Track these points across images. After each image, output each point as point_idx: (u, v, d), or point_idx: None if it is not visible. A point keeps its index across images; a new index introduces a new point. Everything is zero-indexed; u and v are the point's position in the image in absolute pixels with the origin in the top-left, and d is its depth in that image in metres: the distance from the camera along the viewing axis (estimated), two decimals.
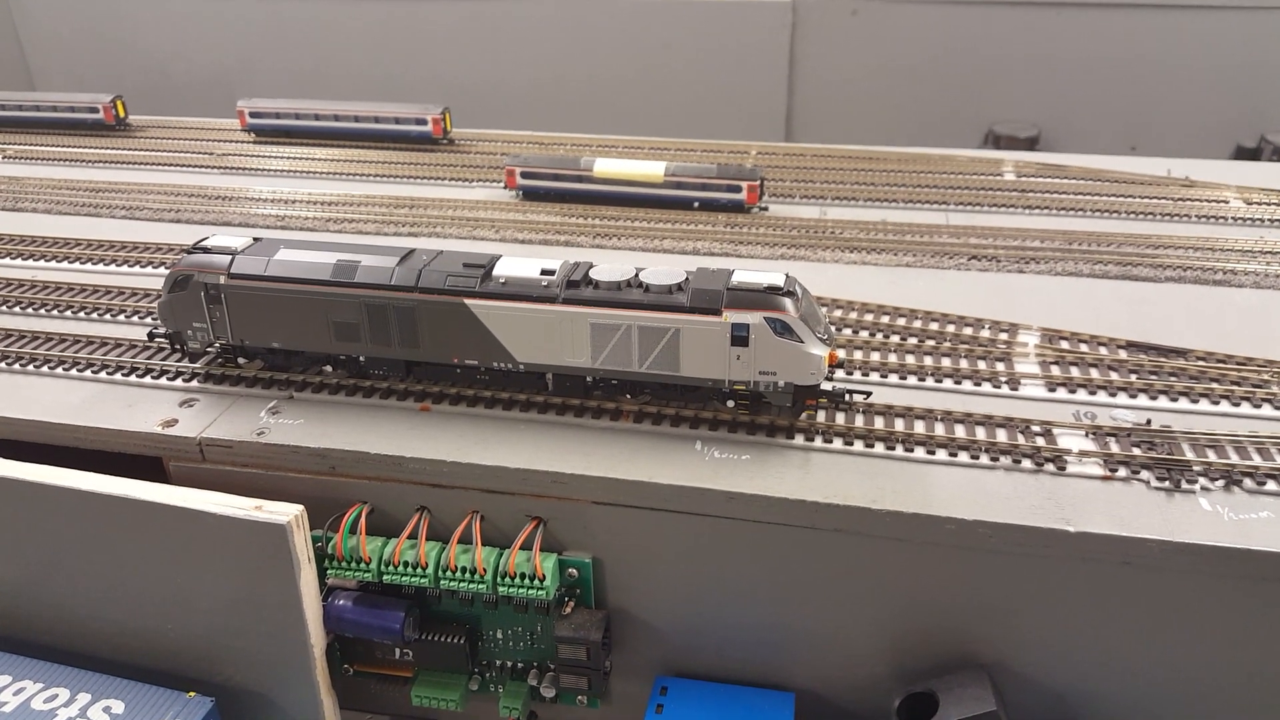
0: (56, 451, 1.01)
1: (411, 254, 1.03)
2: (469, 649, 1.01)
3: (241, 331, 1.05)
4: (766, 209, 1.55)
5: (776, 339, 0.93)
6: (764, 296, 0.94)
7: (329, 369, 1.07)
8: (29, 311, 1.24)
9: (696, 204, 1.54)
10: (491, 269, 1.00)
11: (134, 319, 1.22)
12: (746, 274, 0.96)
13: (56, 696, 0.94)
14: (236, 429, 0.99)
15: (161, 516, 0.93)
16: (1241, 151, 2.68)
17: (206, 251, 1.05)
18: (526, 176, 1.59)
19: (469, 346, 1.00)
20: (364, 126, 1.87)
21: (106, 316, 1.22)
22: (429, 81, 3.00)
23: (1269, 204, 1.51)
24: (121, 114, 1.97)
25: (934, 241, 1.40)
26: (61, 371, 1.10)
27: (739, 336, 0.94)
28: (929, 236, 1.42)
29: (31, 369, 1.11)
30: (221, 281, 1.03)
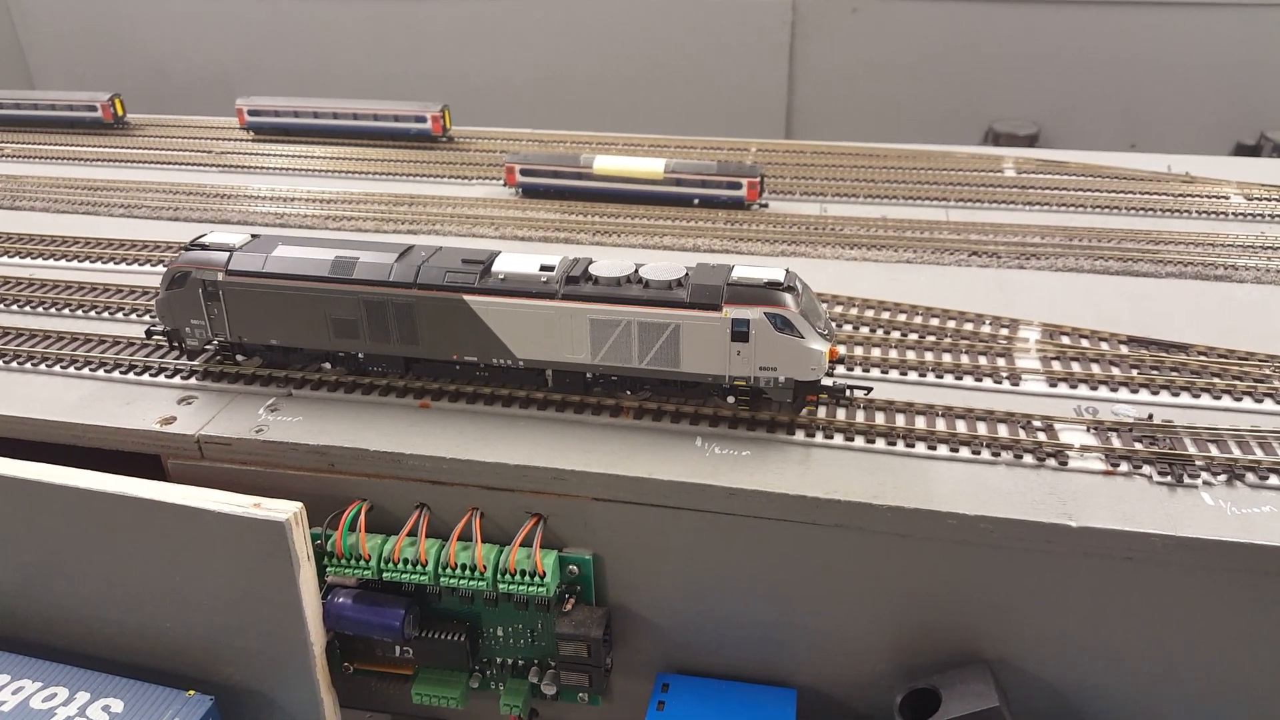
0: (55, 449, 1.01)
1: (410, 250, 1.02)
2: (469, 646, 1.01)
3: (240, 328, 1.05)
4: (766, 206, 1.54)
5: (777, 334, 0.93)
6: (764, 292, 0.93)
7: (328, 366, 1.07)
8: (27, 310, 1.24)
9: (696, 201, 1.53)
10: (490, 265, 1.00)
11: (132, 317, 1.21)
12: (746, 269, 0.96)
13: (55, 695, 0.94)
14: (235, 426, 0.99)
15: (160, 514, 0.92)
16: (1241, 149, 2.68)
17: (204, 248, 1.05)
18: (526, 174, 1.59)
19: (468, 343, 1.00)
20: (363, 124, 1.87)
21: (104, 314, 1.22)
22: (428, 79, 3.00)
23: (1269, 199, 1.51)
24: (120, 112, 1.97)
25: (934, 238, 1.40)
26: (59, 369, 1.10)
27: (739, 332, 0.93)
28: (929, 233, 1.41)
29: (29, 367, 1.11)
30: (219, 278, 1.02)
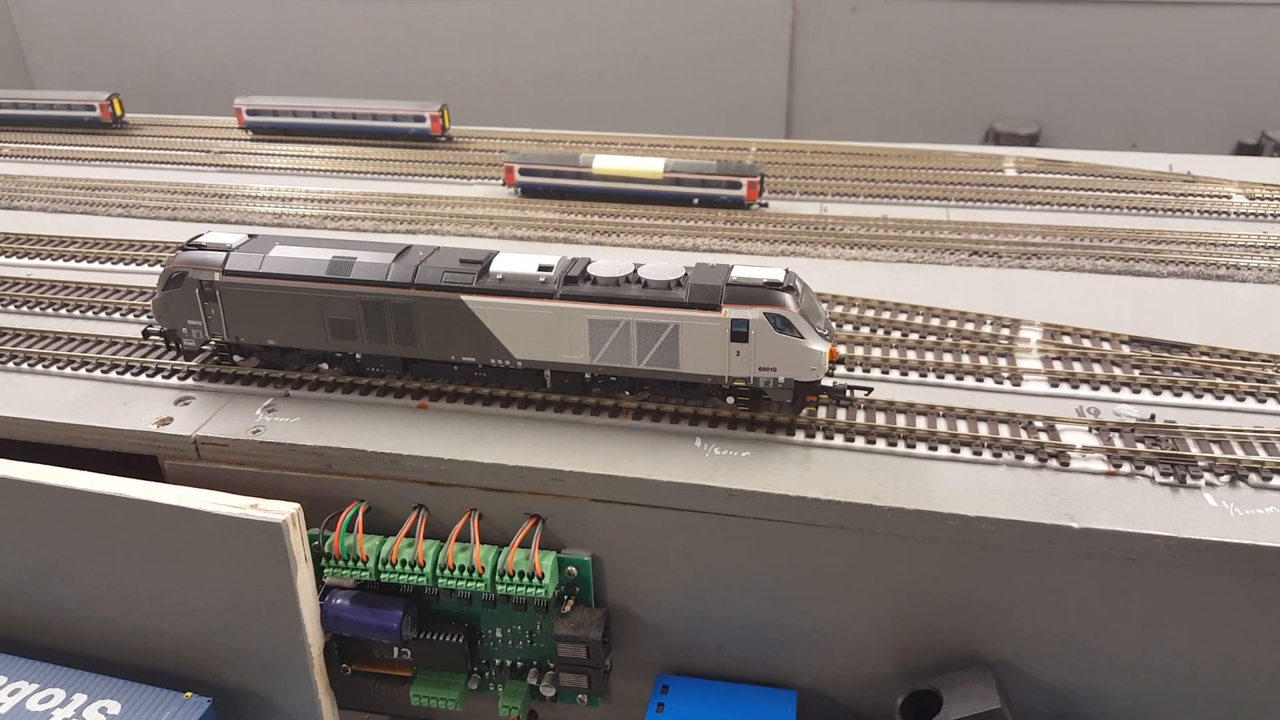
0: (51, 450, 1.00)
1: (408, 250, 1.02)
2: (468, 648, 1.00)
3: (237, 329, 1.04)
4: (766, 205, 1.54)
5: (776, 335, 0.92)
6: (764, 292, 0.93)
7: (325, 366, 1.07)
8: (24, 310, 1.24)
9: (696, 200, 1.53)
10: (489, 265, 0.99)
11: (129, 317, 1.21)
12: (746, 269, 0.96)
13: (52, 697, 0.93)
14: (232, 427, 0.99)
15: (157, 515, 0.92)
16: (1242, 148, 2.68)
17: (201, 248, 1.04)
18: (525, 173, 1.58)
19: (466, 343, 1.00)
20: (362, 124, 1.86)
21: (101, 314, 1.22)
22: (427, 78, 3.00)
23: (1272, 199, 1.50)
24: (118, 112, 1.96)
25: (935, 237, 1.39)
26: (56, 370, 1.10)
27: (739, 332, 0.93)
28: (930, 232, 1.41)
29: (26, 367, 1.10)
30: (216, 278, 1.02)
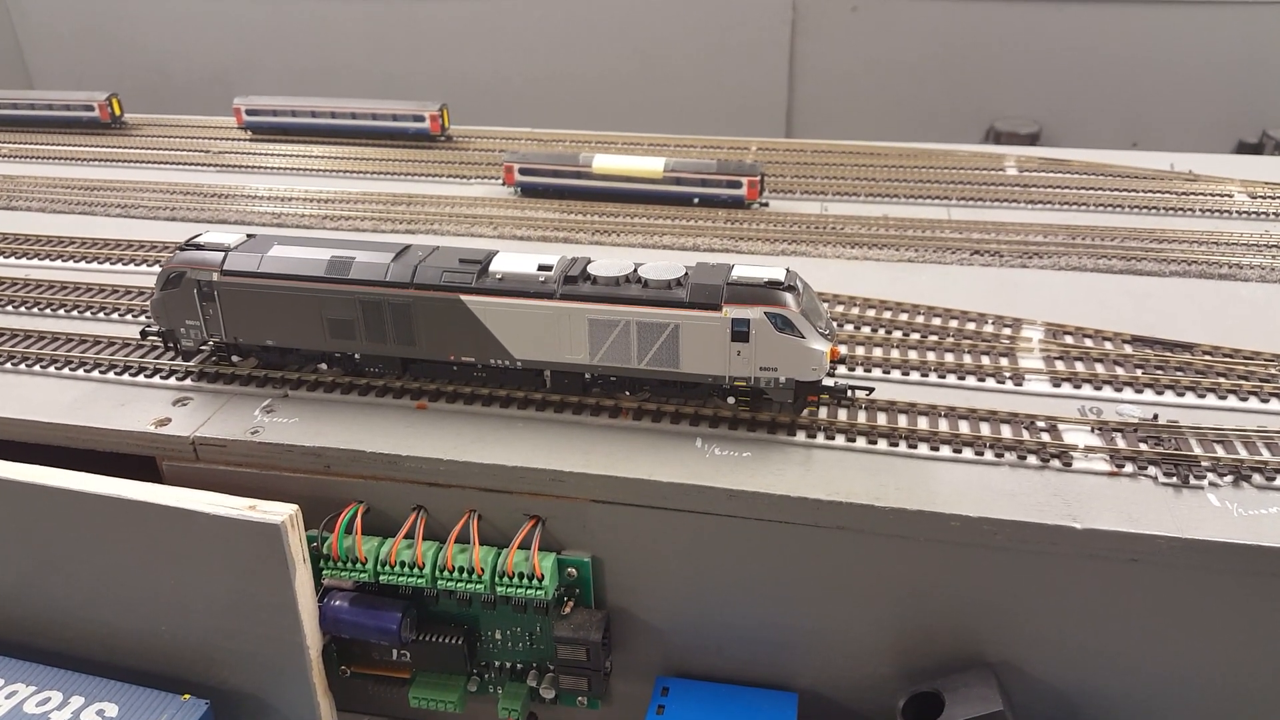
0: (48, 451, 1.00)
1: (407, 250, 1.01)
2: (467, 650, 1.00)
3: (235, 329, 1.04)
4: (767, 205, 1.53)
5: (777, 334, 0.92)
6: (764, 291, 0.92)
7: (324, 367, 1.06)
8: (22, 310, 1.23)
9: (696, 200, 1.53)
10: (488, 265, 0.99)
11: (127, 317, 1.20)
12: (747, 269, 0.95)
13: (49, 700, 0.93)
14: (230, 428, 0.98)
15: (155, 517, 0.92)
16: (1243, 147, 2.67)
17: (199, 248, 1.04)
18: (525, 173, 1.58)
19: (465, 343, 0.99)
20: (361, 124, 1.86)
21: (100, 315, 1.21)
22: (427, 78, 2.99)
23: (1273, 198, 1.50)
24: (117, 112, 1.96)
25: (936, 237, 1.39)
26: (54, 370, 1.09)
27: (739, 332, 0.92)
28: (931, 232, 1.41)
29: (24, 368, 1.10)
30: (214, 278, 1.02)
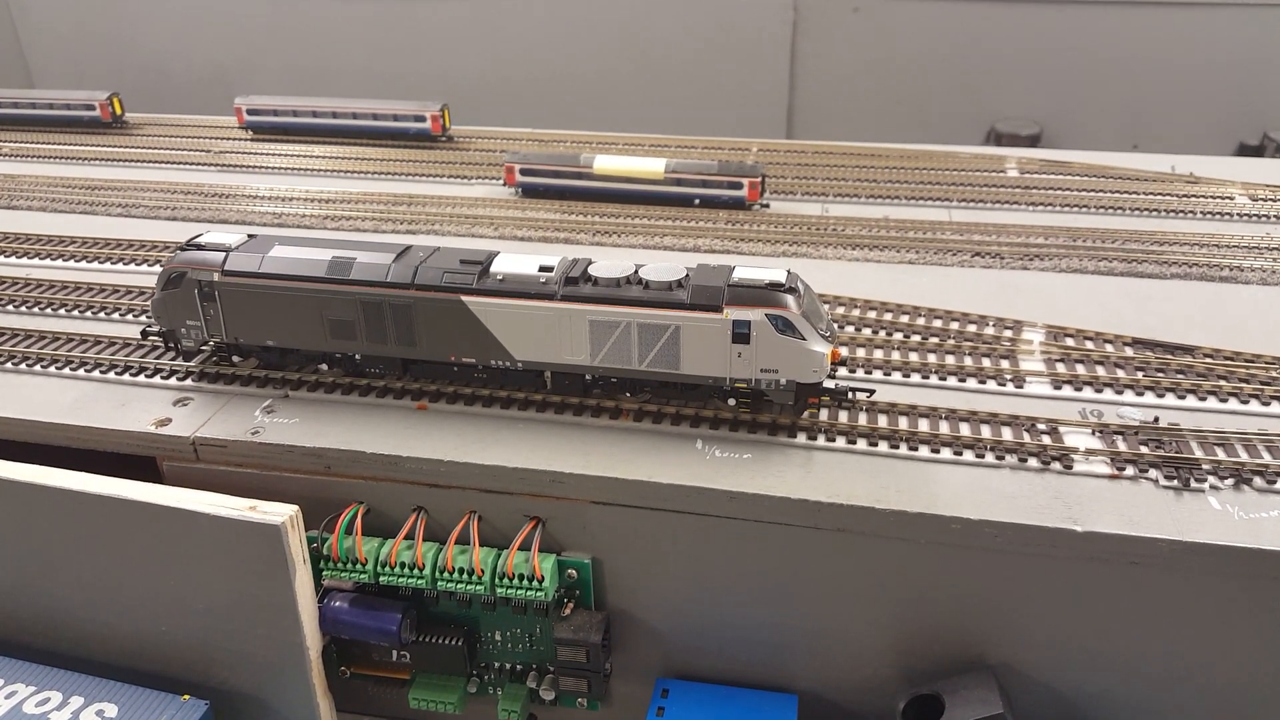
0: (49, 451, 1.00)
1: (408, 250, 1.01)
2: (467, 651, 1.00)
3: (236, 329, 1.04)
4: (768, 206, 1.53)
5: (778, 336, 0.92)
6: (765, 293, 0.92)
7: (324, 367, 1.06)
8: (22, 310, 1.23)
9: (697, 201, 1.52)
10: (489, 265, 0.99)
11: (128, 317, 1.20)
12: (747, 270, 0.95)
13: (49, 700, 0.93)
14: (231, 428, 0.98)
15: (155, 517, 0.92)
16: (1244, 149, 2.67)
17: (200, 248, 1.04)
18: (526, 173, 1.58)
19: (466, 344, 0.99)
20: (362, 124, 1.86)
21: (100, 314, 1.21)
22: (428, 78, 2.99)
23: (1274, 200, 1.50)
24: (118, 111, 1.96)
25: (937, 238, 1.39)
26: (54, 370, 1.09)
27: (740, 334, 0.92)
28: (932, 233, 1.41)
29: (24, 368, 1.10)
30: (215, 279, 1.02)
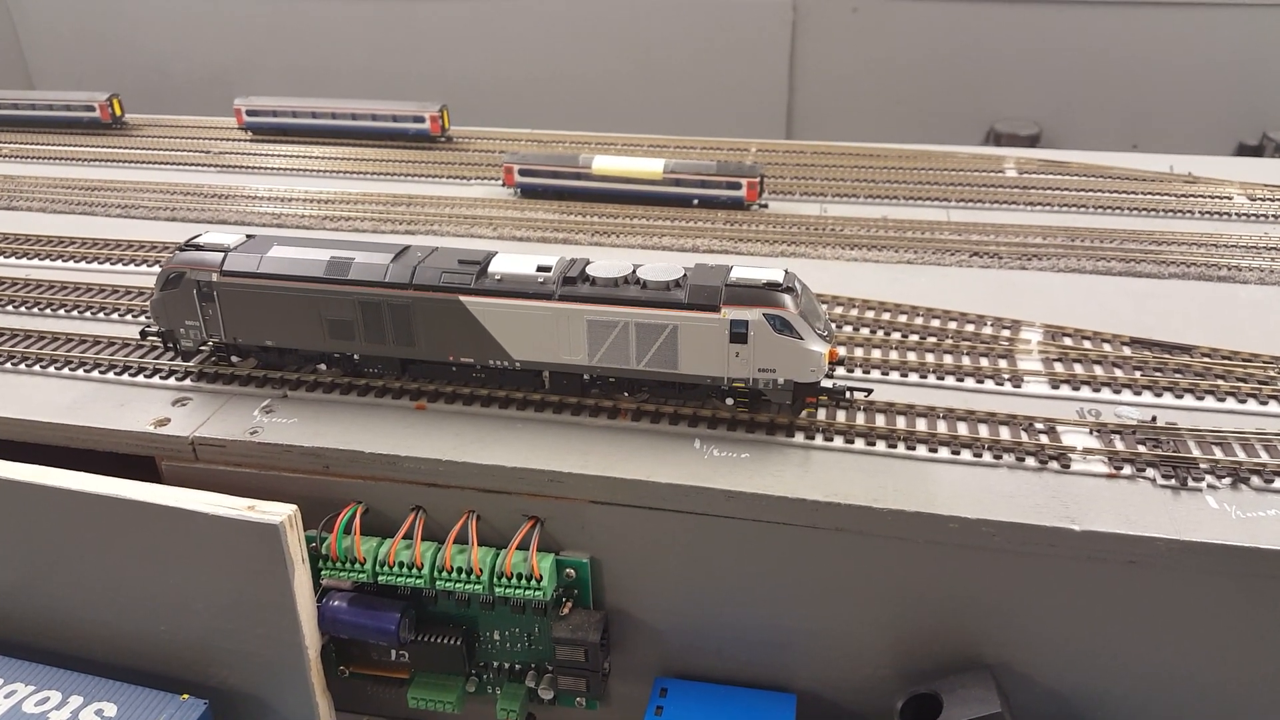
0: (48, 451, 1.00)
1: (406, 250, 1.02)
2: (466, 650, 1.00)
3: (234, 329, 1.04)
4: (766, 206, 1.53)
5: (776, 336, 0.92)
6: (763, 293, 0.92)
7: (323, 367, 1.06)
8: (21, 310, 1.23)
9: (696, 201, 1.53)
10: (487, 266, 0.99)
11: (127, 317, 1.20)
12: (745, 270, 0.95)
13: (48, 699, 0.93)
14: (229, 428, 0.98)
15: (154, 517, 0.92)
16: (1244, 149, 2.67)
17: (199, 249, 1.04)
18: (525, 174, 1.58)
19: (464, 344, 0.99)
20: (361, 124, 1.86)
21: (99, 315, 1.21)
22: (427, 79, 3.00)
23: (1273, 200, 1.50)
24: (118, 112, 1.96)
25: (935, 238, 1.39)
26: (53, 370, 1.09)
27: (738, 333, 0.92)
28: (930, 233, 1.41)
29: (23, 368, 1.10)
30: (214, 279, 1.02)
